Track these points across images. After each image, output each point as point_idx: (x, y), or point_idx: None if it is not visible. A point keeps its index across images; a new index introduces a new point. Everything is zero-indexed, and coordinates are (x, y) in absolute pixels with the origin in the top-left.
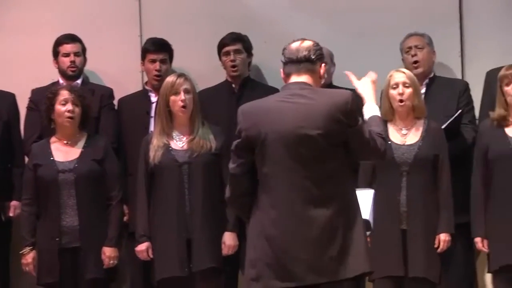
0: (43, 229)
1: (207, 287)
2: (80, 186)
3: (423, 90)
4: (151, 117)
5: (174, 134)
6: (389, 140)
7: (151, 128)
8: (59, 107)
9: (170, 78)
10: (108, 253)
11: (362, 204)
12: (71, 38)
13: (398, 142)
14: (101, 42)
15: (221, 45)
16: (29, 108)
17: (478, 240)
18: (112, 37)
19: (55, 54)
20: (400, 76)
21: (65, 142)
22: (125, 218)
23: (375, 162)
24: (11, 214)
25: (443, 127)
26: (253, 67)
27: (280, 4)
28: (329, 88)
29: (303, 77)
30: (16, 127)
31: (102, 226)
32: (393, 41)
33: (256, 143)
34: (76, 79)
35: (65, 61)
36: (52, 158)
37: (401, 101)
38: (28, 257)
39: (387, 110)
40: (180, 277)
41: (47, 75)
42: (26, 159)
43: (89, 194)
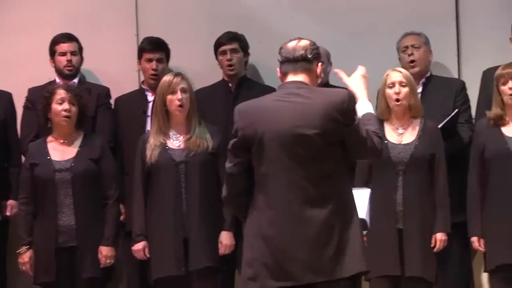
0: (40, 228)
1: (203, 286)
2: (76, 185)
3: (419, 90)
4: (148, 116)
5: (171, 133)
6: (386, 140)
7: (148, 127)
8: (55, 106)
9: (167, 77)
10: (105, 252)
11: (359, 203)
12: (67, 37)
13: (395, 142)
14: (98, 41)
15: (218, 44)
16: (25, 107)
17: (474, 239)
18: (108, 36)
19: (52, 53)
20: (396, 75)
21: (61, 141)
22: (122, 217)
23: (371, 161)
24: (8, 213)
25: (439, 126)
26: (249, 66)
27: (277, 3)
28: (326, 87)
29: (300, 76)
30: (12, 126)
31: (98, 225)
32: (389, 40)
33: (253, 143)
34: (73, 78)
35: (62, 60)
36: (48, 157)
37: (397, 100)
38: (25, 256)
39: (383, 110)
40: (177, 276)
41: (43, 74)
42: (23, 158)
43: (86, 193)
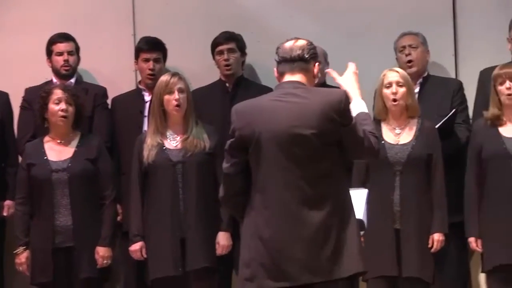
0: (37, 229)
1: (201, 286)
2: (73, 185)
3: (417, 90)
4: (145, 116)
5: (168, 134)
6: (383, 140)
7: (145, 127)
8: (52, 106)
9: (164, 77)
10: (102, 252)
11: (356, 203)
12: (64, 37)
13: (392, 142)
14: (95, 41)
15: (215, 44)
16: (22, 107)
17: (472, 239)
18: (105, 36)
19: (49, 53)
20: (393, 75)
21: (58, 141)
22: (119, 218)
23: (368, 160)
24: (4, 214)
25: (436, 126)
26: (246, 66)
27: (274, 3)
28: (323, 87)
29: (297, 76)
30: (9, 127)
31: (95, 226)
32: (387, 40)
33: (250, 143)
34: (70, 78)
35: (59, 60)
36: (45, 158)
37: (394, 100)
38: (22, 256)
39: (380, 110)
40: (174, 277)
41: (40, 74)
42: (20, 159)
43: (83, 193)
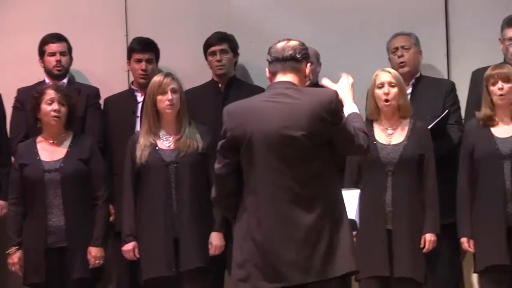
0: (29, 229)
1: (194, 287)
2: (66, 185)
3: (409, 90)
4: (137, 116)
5: (161, 134)
6: (375, 140)
7: (137, 127)
8: (45, 107)
9: (157, 78)
10: (94, 253)
11: (348, 204)
12: (57, 38)
13: (384, 142)
14: (87, 42)
15: (207, 44)
16: (15, 108)
17: (464, 240)
18: (98, 36)
19: (41, 53)
20: (385, 75)
21: (51, 141)
22: (111, 218)
23: (359, 159)
24: None
25: (429, 127)
26: (239, 66)
27: (266, 4)
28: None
29: (289, 76)
30: (2, 127)
31: (88, 226)
32: (379, 40)
33: (242, 143)
34: (62, 79)
35: (51, 61)
36: (38, 158)
37: (386, 100)
38: (14, 257)
39: (372, 110)
40: (167, 277)
41: (33, 75)
42: (13, 159)
43: (75, 193)
